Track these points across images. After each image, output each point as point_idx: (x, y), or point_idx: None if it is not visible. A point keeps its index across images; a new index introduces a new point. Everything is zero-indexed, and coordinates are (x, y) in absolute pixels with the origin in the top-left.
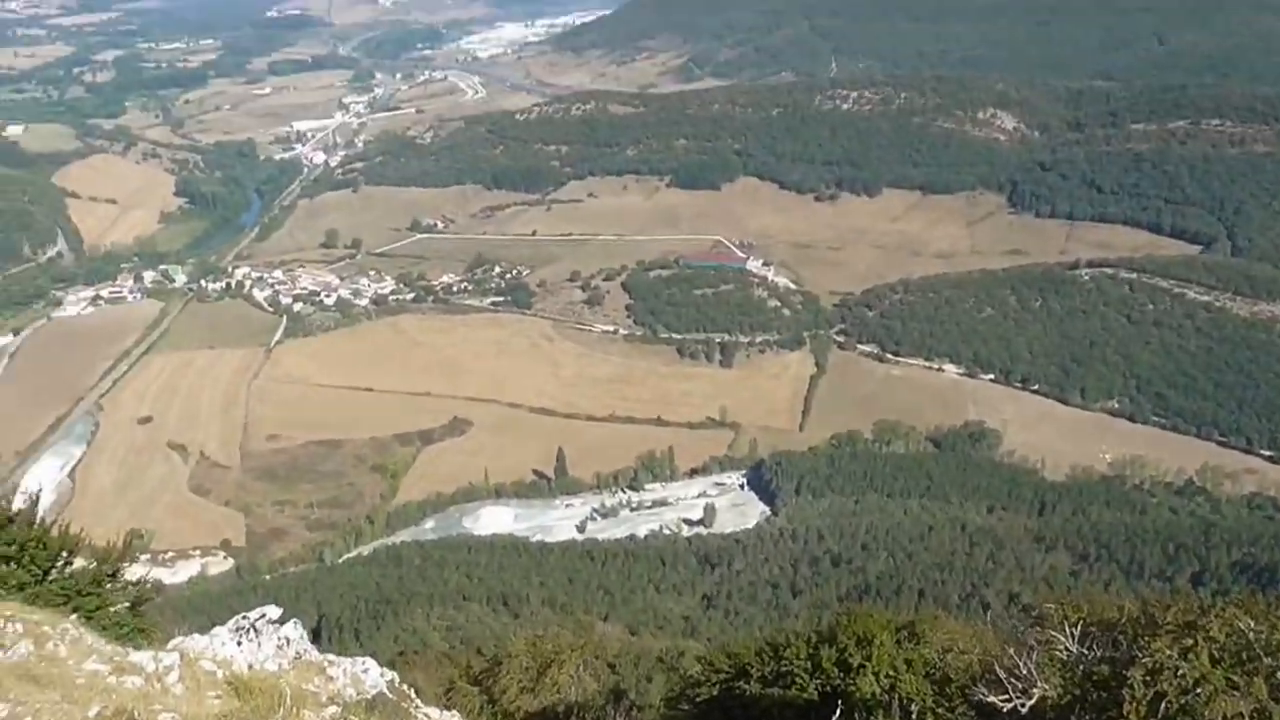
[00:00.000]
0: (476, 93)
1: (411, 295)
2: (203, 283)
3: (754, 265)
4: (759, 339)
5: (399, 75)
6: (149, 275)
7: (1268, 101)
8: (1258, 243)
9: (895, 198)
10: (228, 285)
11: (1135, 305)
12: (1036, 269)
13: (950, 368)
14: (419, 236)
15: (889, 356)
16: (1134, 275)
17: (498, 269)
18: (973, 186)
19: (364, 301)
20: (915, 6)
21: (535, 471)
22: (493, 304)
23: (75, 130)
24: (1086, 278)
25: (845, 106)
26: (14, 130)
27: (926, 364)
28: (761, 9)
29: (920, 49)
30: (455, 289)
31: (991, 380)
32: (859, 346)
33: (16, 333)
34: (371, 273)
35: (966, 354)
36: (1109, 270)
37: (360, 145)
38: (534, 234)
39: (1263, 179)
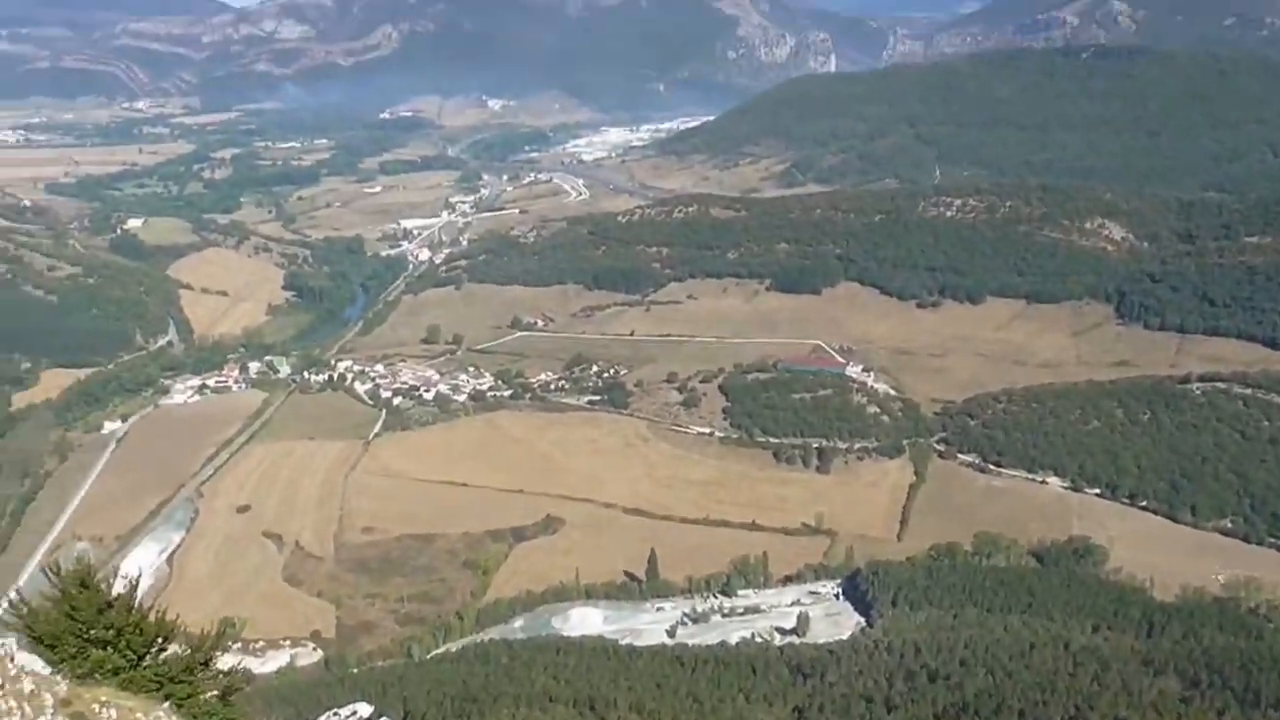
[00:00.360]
0: (580, 194)
1: (509, 392)
2: (306, 374)
3: (854, 370)
4: (857, 445)
5: (505, 176)
6: (254, 366)
7: None
8: None
9: (999, 306)
10: (330, 378)
11: (1250, 422)
12: (1145, 381)
13: (1054, 480)
14: (519, 334)
15: (991, 467)
16: (1248, 391)
17: (595, 368)
18: (1079, 296)
19: (462, 397)
20: (1021, 116)
21: (626, 573)
22: (589, 403)
23: (192, 224)
24: (1198, 392)
25: (949, 213)
26: (134, 224)
27: (1029, 476)
28: (865, 116)
29: (1026, 158)
30: (553, 387)
31: (1097, 495)
32: (960, 456)
33: (125, 419)
34: (471, 369)
35: (1071, 467)
36: (1221, 385)
37: (464, 243)
38: (632, 334)
39: None
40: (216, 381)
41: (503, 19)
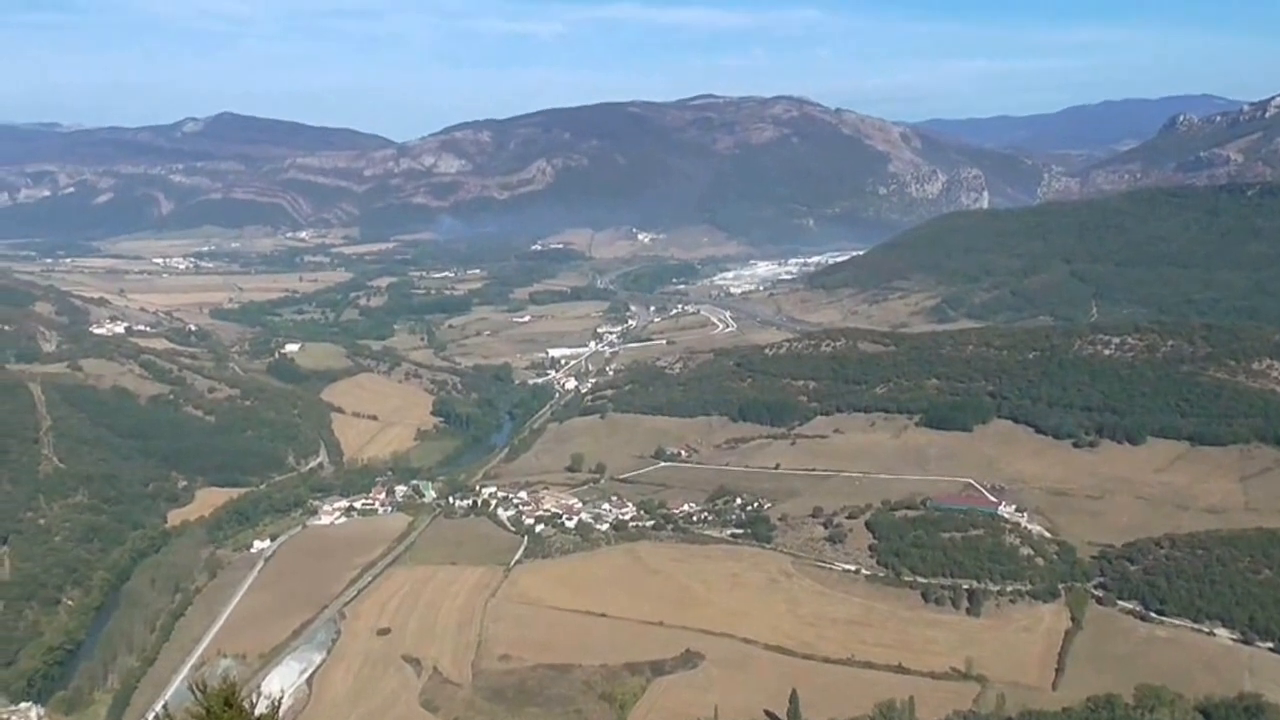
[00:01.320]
0: (726, 327)
1: (651, 523)
2: (450, 499)
3: (1006, 511)
4: (1009, 588)
5: (652, 308)
6: (401, 489)
7: None
8: None
9: (1160, 448)
10: (474, 503)
11: None
12: None
13: (1222, 632)
14: (662, 465)
15: (1153, 615)
16: None
17: (739, 501)
18: (1246, 439)
19: (604, 526)
20: (1183, 255)
21: (767, 712)
22: (732, 536)
23: (346, 350)
24: None
25: (1106, 352)
26: (291, 348)
27: (1195, 626)
28: (1018, 253)
29: (1189, 297)
30: (695, 519)
31: (1270, 649)
32: (1119, 603)
33: (274, 539)
34: (613, 498)
35: (1241, 618)
36: None
37: (611, 373)
38: (777, 467)
39: None
40: (363, 504)
41: (654, 155)
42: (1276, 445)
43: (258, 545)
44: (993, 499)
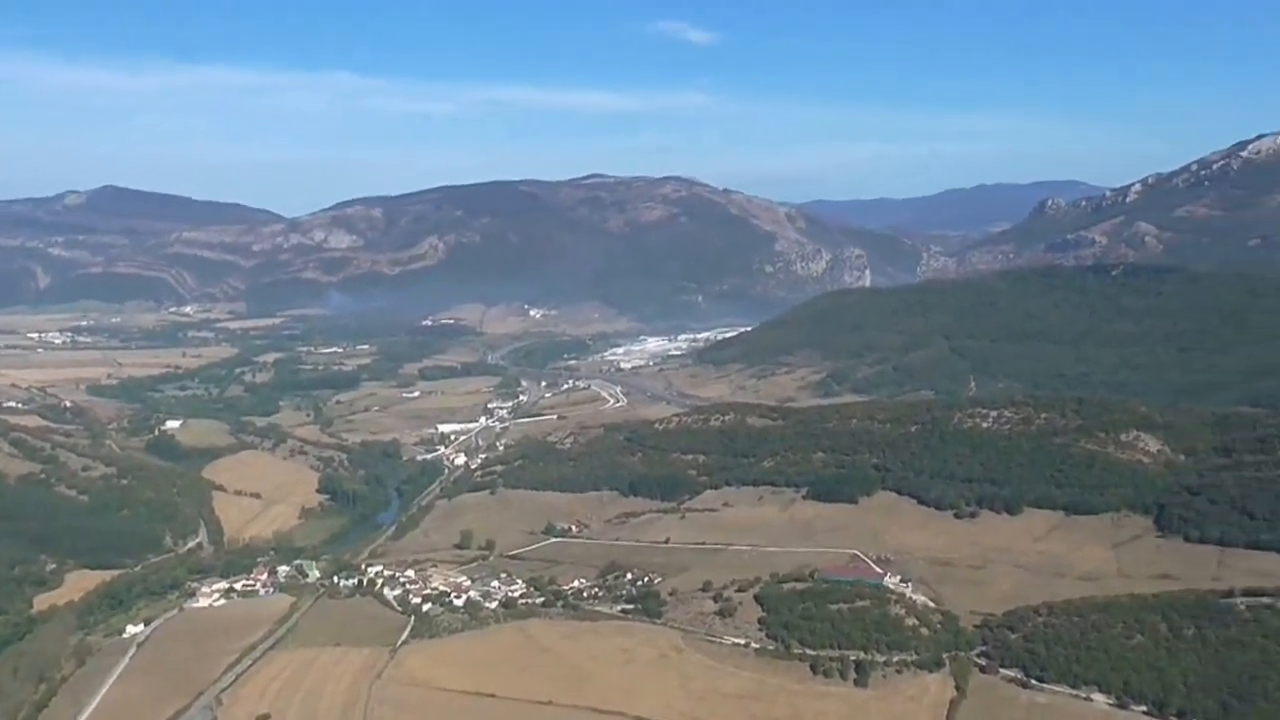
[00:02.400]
0: (618, 401)
1: (541, 599)
2: (335, 579)
3: (892, 581)
4: (896, 659)
5: (543, 383)
6: (284, 569)
7: None
8: None
9: (1037, 517)
10: (360, 583)
11: None
12: (1188, 596)
13: (1099, 697)
14: (553, 540)
15: (1033, 683)
16: None
17: (629, 576)
18: (1118, 508)
19: (493, 604)
20: (1054, 331)
21: None
22: (622, 611)
23: (230, 427)
24: (1243, 607)
25: (985, 425)
26: (172, 425)
27: (1073, 692)
28: (900, 329)
29: (1060, 371)
30: (586, 594)
31: (1144, 712)
32: (1001, 671)
33: (148, 623)
34: (503, 575)
35: (1117, 683)
36: (1266, 600)
37: (501, 449)
38: (667, 541)
39: None
40: (244, 585)
41: (546, 232)
42: (1145, 514)
43: (130, 630)
44: (879, 570)
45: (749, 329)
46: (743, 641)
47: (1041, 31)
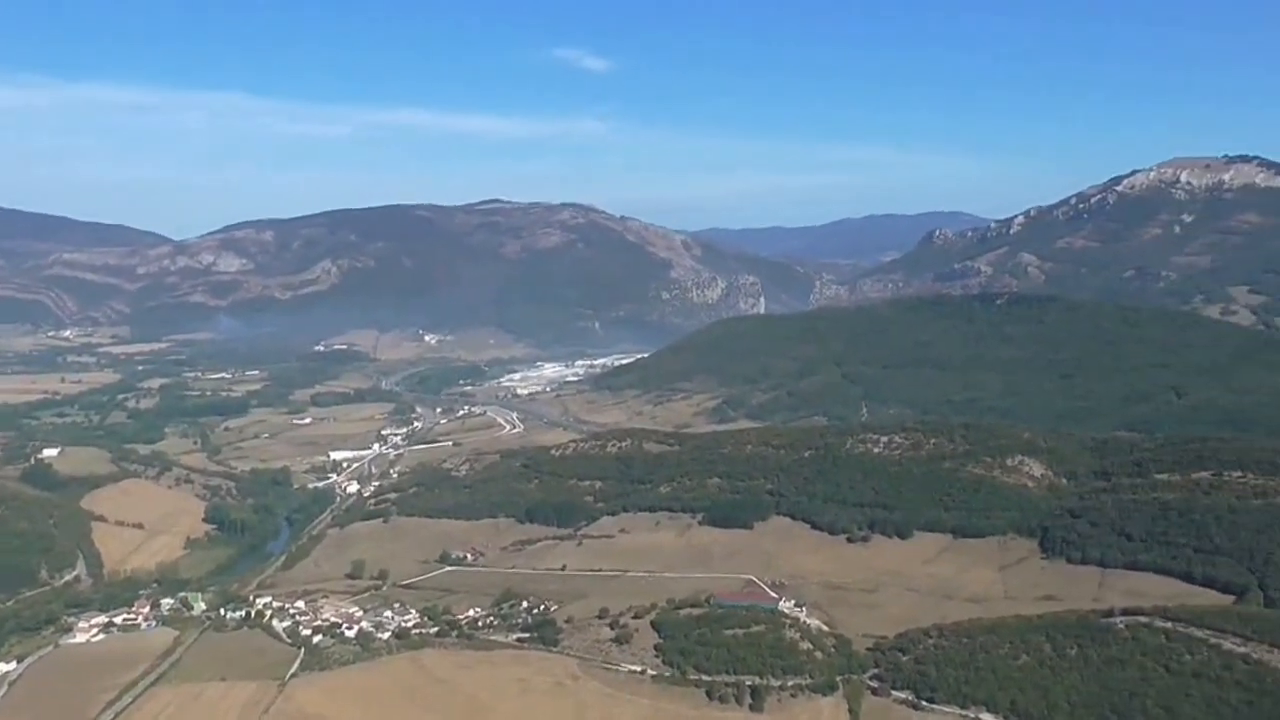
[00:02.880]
0: (514, 428)
1: (436, 629)
2: (222, 611)
3: (786, 606)
4: (790, 683)
5: (439, 409)
6: (167, 602)
7: None
8: None
9: (927, 540)
10: (247, 615)
11: (1173, 655)
12: (1071, 616)
13: (987, 716)
14: (448, 569)
15: (924, 704)
16: (1169, 625)
17: (525, 604)
18: (1004, 531)
19: (386, 635)
20: (943, 358)
21: None
22: (518, 640)
23: (111, 455)
24: (1122, 626)
25: (876, 450)
26: (50, 453)
27: (962, 713)
28: (794, 356)
29: (949, 397)
30: (481, 623)
31: None
32: (893, 693)
33: (20, 660)
34: (396, 605)
35: (1003, 702)
36: (1144, 619)
37: (395, 476)
38: (564, 569)
39: None
40: (125, 619)
41: (442, 258)
42: (1030, 536)
43: (2, 668)
44: (773, 595)
45: (646, 355)
46: (639, 668)
47: (928, 67)
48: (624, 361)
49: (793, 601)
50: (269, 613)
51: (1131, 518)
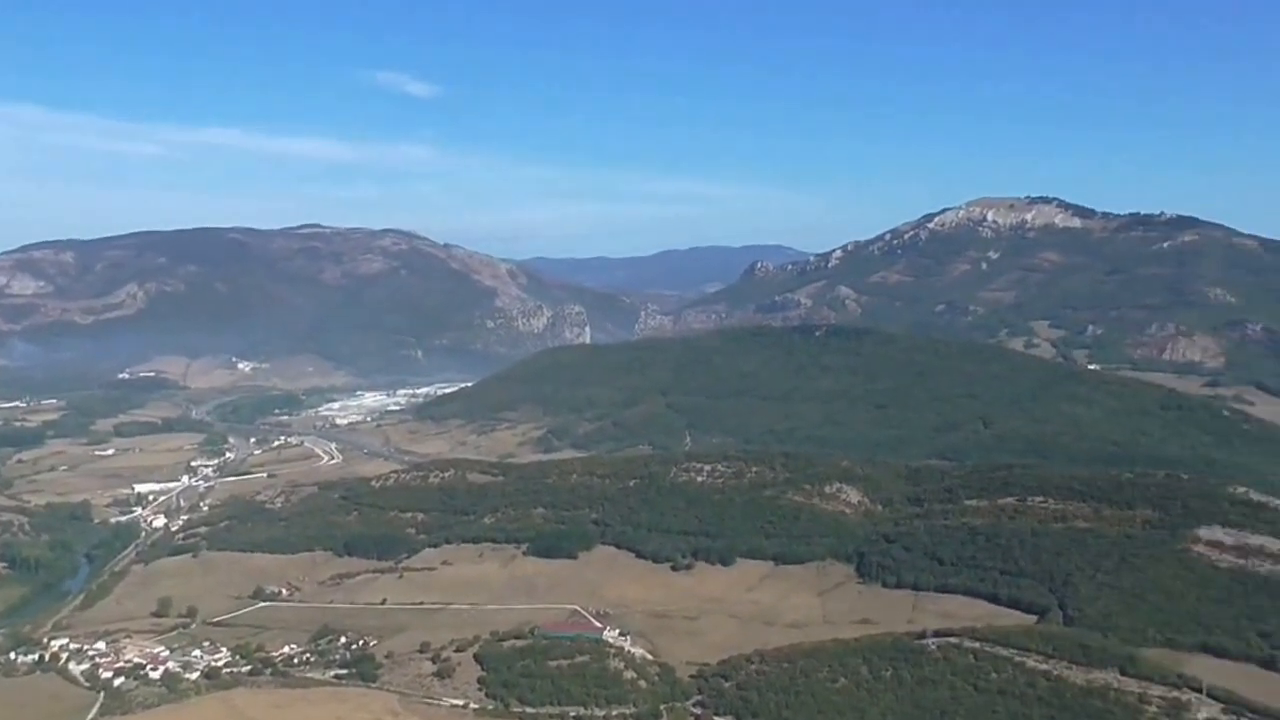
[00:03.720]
0: (333, 458)
1: (248, 667)
2: (12, 655)
3: (610, 635)
4: (615, 712)
5: (253, 439)
6: None
7: (1084, 481)
8: (1087, 613)
9: (749, 568)
10: (41, 658)
11: (980, 674)
12: (886, 639)
13: None
14: (261, 605)
15: None
16: (977, 644)
17: (343, 639)
18: (823, 557)
19: (194, 675)
20: (764, 388)
21: None
22: (336, 677)
23: None
24: (934, 647)
25: (700, 479)
26: None
27: None
28: (619, 386)
29: (770, 426)
30: (297, 661)
31: None
32: (716, 719)
33: None
34: (206, 644)
35: None
36: (954, 640)
37: (206, 509)
38: (384, 602)
39: (1086, 553)
40: None
41: (257, 283)
42: (847, 562)
43: None
44: (598, 624)
45: (470, 384)
46: (461, 702)
47: (749, 102)
48: (447, 391)
49: (617, 631)
50: (65, 655)
51: (943, 542)
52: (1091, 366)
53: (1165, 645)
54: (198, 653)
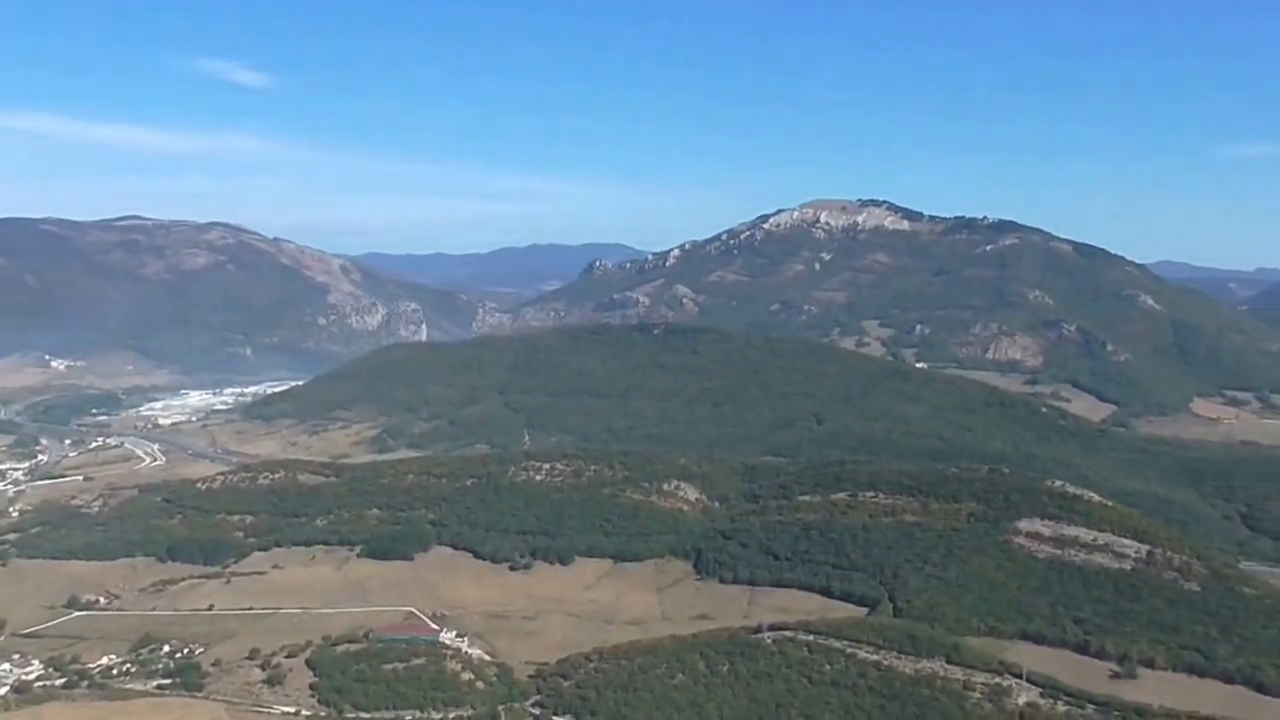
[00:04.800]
0: (155, 460)
1: (63, 681)
2: None
3: (447, 637)
4: (453, 715)
5: (68, 441)
6: None
7: (912, 476)
8: (915, 604)
9: (588, 566)
10: None
11: (814, 666)
12: (723, 634)
13: None
14: (77, 614)
15: None
16: (811, 637)
17: (167, 648)
18: (661, 554)
19: (3, 690)
20: (603, 386)
21: None
22: (159, 687)
23: None
24: (769, 641)
25: (538, 478)
26: None
27: None
28: (456, 385)
29: (609, 425)
30: (116, 672)
31: None
32: (555, 718)
33: None
34: (16, 656)
35: None
36: (789, 633)
37: (15, 515)
38: (211, 609)
39: (914, 546)
40: None
41: (72, 277)
42: (685, 559)
43: None
44: (434, 626)
45: (301, 383)
46: (293, 709)
47: (586, 100)
48: (278, 390)
49: (454, 632)
50: None
51: (778, 538)
52: (919, 365)
53: (988, 634)
54: (7, 666)
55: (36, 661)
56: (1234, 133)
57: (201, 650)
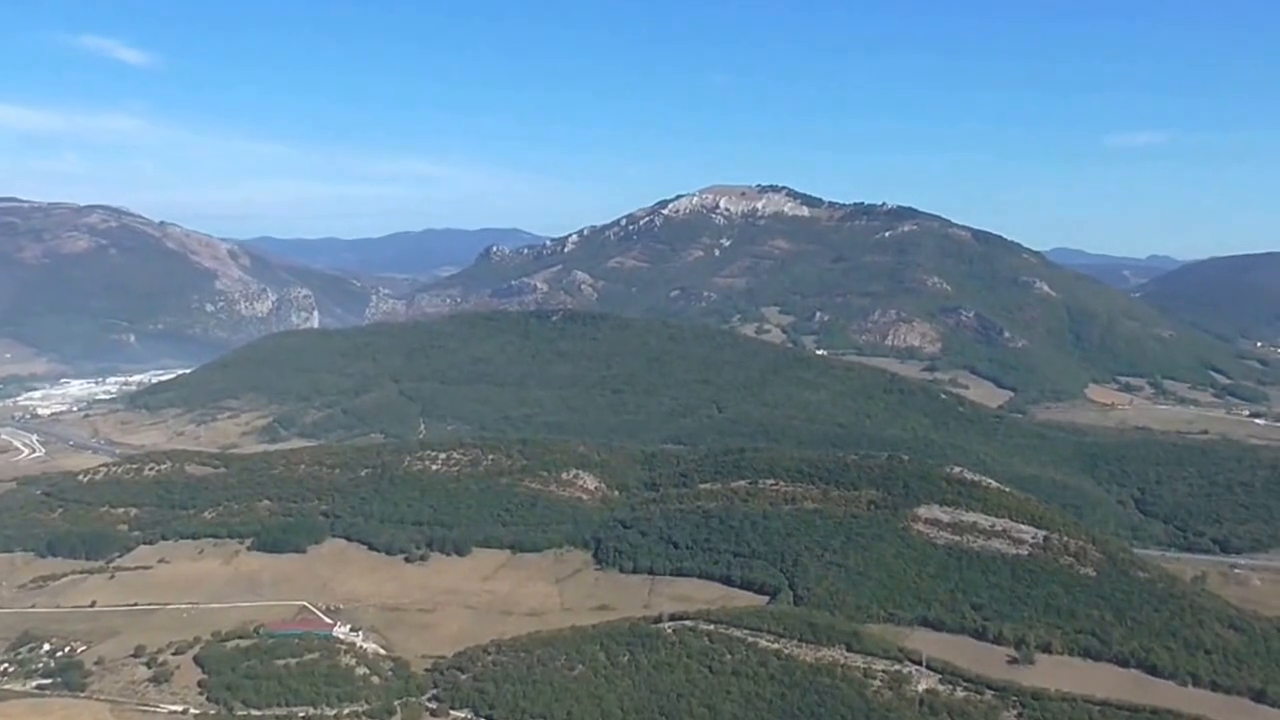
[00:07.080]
0: (34, 452)
1: None
2: None
3: (341, 631)
4: (347, 711)
5: None
6: None
7: (811, 464)
8: (815, 592)
9: (485, 557)
10: None
11: (715, 656)
12: (623, 624)
13: None
14: None
15: None
16: (711, 627)
17: (47, 646)
18: (560, 544)
19: None
20: (500, 374)
21: None
22: (38, 687)
23: None
24: (670, 631)
25: (434, 468)
26: None
27: None
28: (349, 372)
29: (506, 413)
30: None
31: None
32: (452, 713)
33: None
34: None
35: (560, 714)
36: (689, 623)
37: None
38: (93, 605)
39: (814, 533)
40: None
41: None
42: (585, 548)
43: None
44: (328, 621)
45: (188, 371)
46: (180, 708)
47: (479, 83)
48: (164, 378)
49: (348, 626)
50: None
51: (678, 526)
52: (819, 352)
53: (888, 621)
54: None
55: None
56: (1124, 121)
57: (84, 648)
